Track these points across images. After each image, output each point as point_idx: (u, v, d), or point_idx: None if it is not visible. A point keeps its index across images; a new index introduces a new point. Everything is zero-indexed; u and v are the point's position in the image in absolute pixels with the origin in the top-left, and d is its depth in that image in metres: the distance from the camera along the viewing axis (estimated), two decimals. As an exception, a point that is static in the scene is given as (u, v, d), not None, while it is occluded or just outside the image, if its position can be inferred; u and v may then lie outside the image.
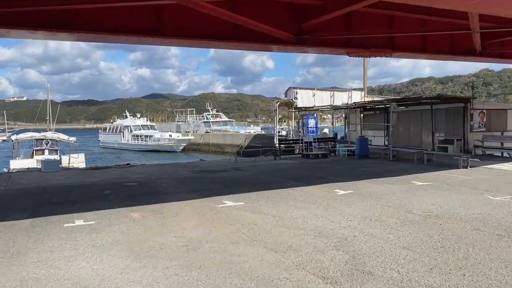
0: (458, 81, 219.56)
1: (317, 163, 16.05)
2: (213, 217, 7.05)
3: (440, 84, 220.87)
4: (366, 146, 17.85)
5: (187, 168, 14.88)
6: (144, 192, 9.75)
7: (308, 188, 9.91)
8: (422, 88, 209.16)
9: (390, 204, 7.96)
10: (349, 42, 9.64)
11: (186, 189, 10.14)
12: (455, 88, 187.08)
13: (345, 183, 10.62)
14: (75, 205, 8.34)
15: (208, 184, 10.84)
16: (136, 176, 12.88)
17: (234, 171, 13.98)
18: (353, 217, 6.96)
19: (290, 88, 27.33)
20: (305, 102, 26.74)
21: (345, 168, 14.35)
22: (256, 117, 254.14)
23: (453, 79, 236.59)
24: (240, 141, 44.91)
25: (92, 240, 5.82)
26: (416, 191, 9.38)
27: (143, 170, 14.60)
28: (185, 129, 57.00)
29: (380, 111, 25.45)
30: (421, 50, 10.67)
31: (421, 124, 21.68)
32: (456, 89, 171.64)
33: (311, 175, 12.47)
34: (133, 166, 16.28)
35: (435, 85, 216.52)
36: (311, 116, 24.77)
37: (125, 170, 14.83)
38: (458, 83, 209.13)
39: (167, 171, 14.19)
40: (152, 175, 13.08)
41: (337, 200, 8.39)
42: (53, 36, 6.63)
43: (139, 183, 11.32)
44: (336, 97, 27.34)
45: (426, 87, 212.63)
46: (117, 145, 53.90)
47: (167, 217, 7.13)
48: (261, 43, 8.45)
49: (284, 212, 7.34)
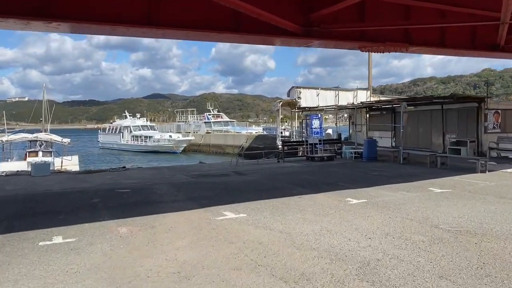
0: (460, 81, 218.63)
1: (324, 167, 15.13)
2: (211, 233, 6.15)
3: (441, 84, 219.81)
4: (375, 148, 16.93)
5: (186, 172, 13.99)
6: (136, 201, 8.86)
7: (317, 196, 9.00)
8: (424, 88, 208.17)
9: (412, 217, 7.04)
10: (363, 35, 8.73)
11: (182, 197, 9.25)
12: (456, 88, 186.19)
13: (357, 190, 9.71)
14: (58, 216, 7.45)
15: (207, 191, 9.94)
16: (130, 181, 11.99)
17: (235, 175, 13.08)
18: (372, 233, 6.05)
19: (293, 88, 26.43)
20: (308, 101, 25.85)
21: (355, 172, 13.43)
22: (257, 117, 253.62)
23: (454, 79, 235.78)
24: (241, 142, 44.02)
25: (68, 264, 4.92)
26: (437, 200, 8.46)
27: (139, 174, 13.71)
28: (186, 129, 56.15)
29: (387, 111, 24.56)
30: (440, 44, 9.75)
31: (430, 125, 20.76)
32: (458, 89, 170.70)
33: (319, 180, 11.56)
34: (128, 170, 15.40)
35: (437, 85, 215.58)
36: (315, 116, 23.76)
37: (120, 174, 13.95)
38: (460, 83, 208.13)
39: (164, 175, 13.30)
40: (147, 180, 12.20)
41: (351, 212, 7.48)
42: (27, 25, 5.75)
43: (133, 189, 10.43)
44: (341, 97, 26.42)
45: (428, 87, 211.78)
46: (117, 146, 53.04)
47: (158, 233, 6.24)
48: (265, 35, 7.55)
49: (292, 227, 6.43)
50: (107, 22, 6.09)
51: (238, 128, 53.42)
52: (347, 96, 26.80)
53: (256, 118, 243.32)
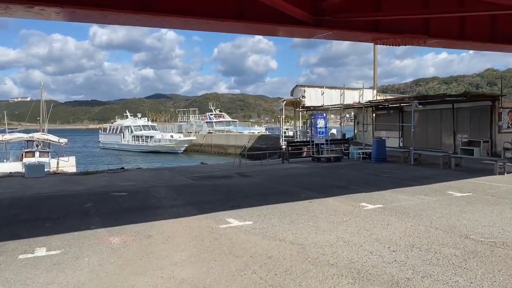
0: (462, 81, 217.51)
1: (331, 168, 14.42)
2: (213, 245, 5.46)
3: (444, 84, 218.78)
4: (384, 148, 16.20)
5: (186, 174, 13.32)
6: (132, 206, 8.18)
7: (329, 201, 8.30)
8: (426, 88, 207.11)
9: (436, 225, 6.34)
10: (378, 26, 8.03)
11: (182, 201, 8.56)
12: (459, 88, 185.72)
13: (370, 194, 9.01)
14: (44, 224, 6.78)
15: (209, 195, 9.25)
16: (127, 183, 11.32)
17: (238, 177, 12.40)
18: (395, 245, 5.35)
19: (298, 86, 25.72)
20: (313, 101, 25.15)
21: (365, 174, 12.72)
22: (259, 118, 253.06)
23: (457, 79, 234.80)
24: (243, 142, 43.33)
25: (48, 283, 4.25)
26: (460, 205, 7.75)
27: (137, 176, 13.04)
28: (187, 129, 55.51)
29: (394, 110, 23.82)
30: (459, 36, 9.03)
31: (440, 124, 20.02)
32: (460, 89, 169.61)
33: (328, 183, 10.85)
34: (127, 171, 14.74)
35: (439, 85, 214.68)
36: (320, 116, 23.04)
37: (117, 175, 13.28)
38: (463, 83, 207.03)
39: (163, 177, 12.63)
40: (146, 182, 11.52)
41: (368, 219, 6.78)
42: (6, 11, 5.07)
43: (130, 192, 9.76)
44: (347, 96, 25.70)
45: (430, 87, 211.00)
46: (117, 146, 52.45)
47: (154, 244, 5.56)
48: (271, 24, 6.86)
49: (304, 237, 5.74)
50: (96, 7, 5.42)
51: (240, 128, 52.77)
52: (353, 95, 26.07)
53: (257, 118, 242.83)
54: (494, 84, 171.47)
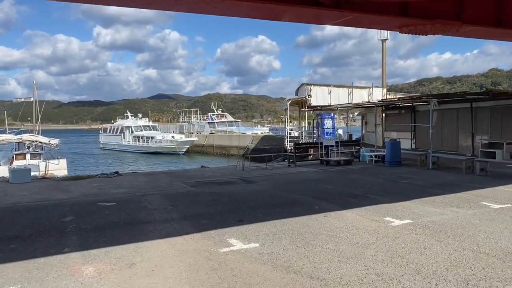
0: (466, 81, 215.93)
1: (343, 173, 13.24)
2: (211, 278, 4.30)
3: (448, 84, 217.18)
4: (399, 151, 15.00)
5: (185, 179, 12.18)
6: (119, 220, 7.04)
7: (347, 215, 7.13)
8: (430, 88, 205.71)
9: (486, 249, 5.15)
10: (405, 10, 6.85)
11: (177, 214, 7.41)
12: (463, 88, 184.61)
13: (393, 205, 7.83)
14: (9, 245, 5.65)
15: (208, 206, 8.10)
16: (118, 190, 10.19)
17: (242, 183, 11.24)
18: (444, 280, 4.17)
19: (303, 85, 24.55)
20: (319, 100, 23.97)
21: (381, 180, 11.53)
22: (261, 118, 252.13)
23: (461, 79, 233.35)
24: (246, 143, 42.18)
25: None
26: (504, 221, 6.56)
27: (131, 182, 11.91)
28: (189, 130, 54.42)
29: (406, 110, 22.61)
30: (496, 23, 7.83)
31: (457, 125, 18.79)
32: (464, 89, 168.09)
33: (342, 191, 9.67)
34: (121, 175, 13.60)
35: (443, 85, 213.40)
36: (327, 116, 21.94)
37: (110, 181, 12.16)
38: (466, 83, 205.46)
39: (159, 183, 11.49)
40: (139, 189, 10.39)
41: (399, 240, 5.60)
42: None
43: (119, 202, 8.62)
44: (355, 95, 24.51)
45: (434, 87, 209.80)
46: (118, 147, 51.46)
47: (136, 277, 4.41)
48: (278, 3, 5.70)
49: (325, 268, 4.57)
50: None
51: (243, 129, 51.59)
52: (362, 93, 24.88)
53: (260, 118, 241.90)
54: (499, 84, 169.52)
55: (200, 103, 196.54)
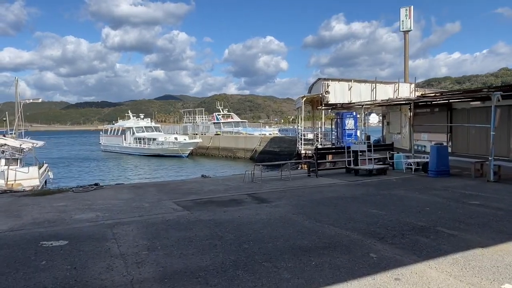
0: (475, 81, 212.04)
1: (382, 187, 10.35)
2: None
3: (457, 84, 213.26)
4: (447, 158, 12.08)
5: (178, 196, 9.42)
6: (53, 285, 4.25)
7: (430, 273, 4.27)
8: (438, 88, 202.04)
9: None
10: None
11: (151, 270, 4.60)
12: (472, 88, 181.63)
13: (495, 251, 4.96)
14: None
15: (203, 251, 5.28)
16: (84, 216, 7.44)
17: (252, 203, 8.43)
18: None
19: (320, 80, 21.67)
20: (338, 97, 21.06)
21: (439, 199, 8.61)
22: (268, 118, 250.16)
23: (470, 78, 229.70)
24: (254, 145, 39.39)
25: None
26: None
27: (108, 200, 9.16)
28: (193, 131, 51.77)
29: (440, 107, 19.63)
30: None
31: (508, 125, 15.75)
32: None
33: (398, 219, 6.78)
34: (101, 189, 10.89)
35: (452, 85, 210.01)
36: (348, 115, 19.11)
37: (82, 198, 9.45)
38: (476, 82, 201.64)
39: (143, 202, 8.72)
40: (113, 213, 7.63)
41: None
42: None
43: (73, 239, 5.86)
44: (379, 91, 21.56)
45: (443, 87, 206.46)
46: (119, 148, 49.02)
47: None
48: None
49: None
50: None
51: (250, 130, 48.85)
52: (386, 89, 21.92)
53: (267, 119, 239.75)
54: (510, 84, 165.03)
55: (206, 104, 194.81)
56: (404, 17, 27.69)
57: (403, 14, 27.75)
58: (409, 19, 27.41)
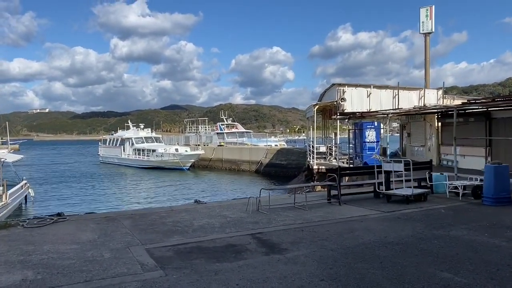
0: (482, 90, 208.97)
1: (431, 222, 7.72)
2: None
3: (464, 93, 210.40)
4: (508, 181, 9.41)
5: (156, 235, 6.90)
6: None
7: None
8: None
9: None
10: None
11: None
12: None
13: None
14: None
15: None
16: (4, 279, 4.94)
17: (259, 255, 5.86)
18: None
19: (334, 86, 19.21)
20: (355, 104, 18.56)
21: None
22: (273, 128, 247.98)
23: (477, 88, 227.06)
24: (260, 157, 36.81)
25: None
26: None
27: (55, 245, 6.65)
28: (196, 141, 49.36)
29: (476, 117, 17.01)
30: None
31: None
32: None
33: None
34: (62, 221, 8.41)
35: (459, 94, 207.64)
36: (369, 125, 16.55)
37: (23, 241, 6.97)
38: (483, 92, 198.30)
39: (103, 251, 6.19)
40: (48, 274, 5.12)
41: None
42: None
43: None
44: (402, 98, 19.01)
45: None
46: (117, 160, 46.70)
47: None
48: None
49: None
50: None
51: (255, 140, 46.31)
52: (410, 96, 19.40)
53: (272, 128, 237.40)
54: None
55: (212, 114, 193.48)
56: (424, 18, 25.26)
57: (423, 14, 25.33)
58: (430, 20, 24.98)
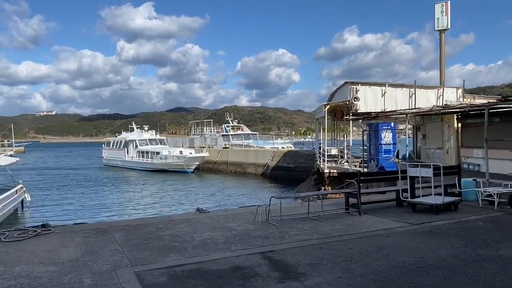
0: (490, 92, 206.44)
1: (470, 237, 6.58)
2: None
3: (471, 95, 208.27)
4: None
5: (150, 253, 5.85)
6: None
7: None
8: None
9: None
10: None
11: None
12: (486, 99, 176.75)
13: None
14: None
15: None
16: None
17: (272, 282, 4.77)
18: None
19: (347, 84, 18.10)
20: (369, 104, 17.43)
21: None
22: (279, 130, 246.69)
23: (485, 89, 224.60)
24: (266, 160, 35.70)
25: None
26: None
27: (29, 266, 5.63)
28: (200, 143, 48.40)
29: (501, 117, 15.77)
30: None
31: None
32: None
33: None
34: (46, 234, 7.41)
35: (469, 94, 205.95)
36: (385, 126, 15.42)
37: (3, 258, 5.96)
38: (491, 94, 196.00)
39: (83, 275, 5.15)
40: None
41: None
42: None
43: None
44: (419, 97, 17.83)
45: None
46: (121, 163, 45.86)
47: None
48: None
49: None
50: None
51: (261, 143, 45.11)
52: (428, 95, 18.23)
53: (277, 130, 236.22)
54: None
55: (217, 116, 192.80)
56: (439, 14, 24.01)
57: (438, 11, 24.09)
58: (446, 16, 23.74)
